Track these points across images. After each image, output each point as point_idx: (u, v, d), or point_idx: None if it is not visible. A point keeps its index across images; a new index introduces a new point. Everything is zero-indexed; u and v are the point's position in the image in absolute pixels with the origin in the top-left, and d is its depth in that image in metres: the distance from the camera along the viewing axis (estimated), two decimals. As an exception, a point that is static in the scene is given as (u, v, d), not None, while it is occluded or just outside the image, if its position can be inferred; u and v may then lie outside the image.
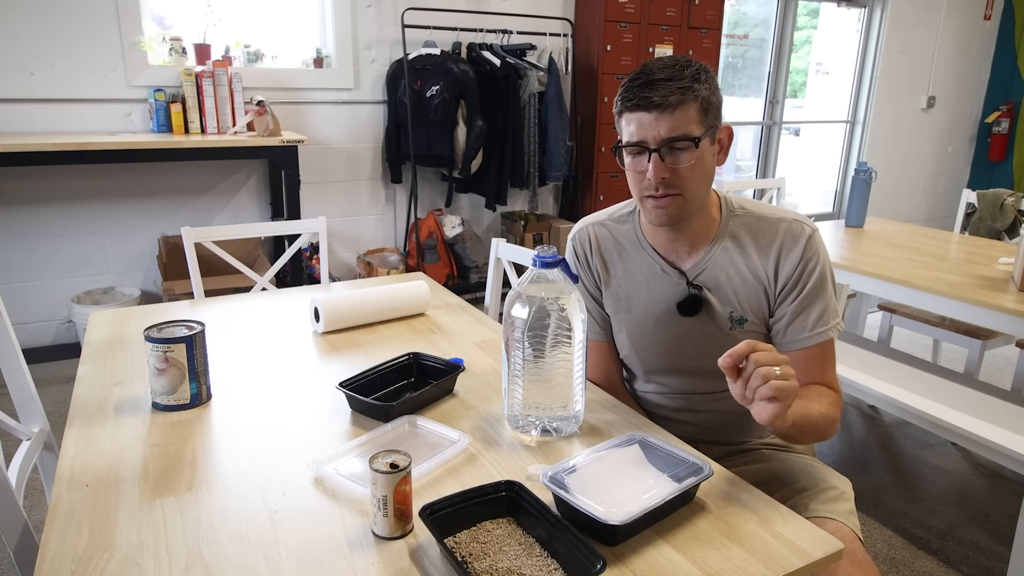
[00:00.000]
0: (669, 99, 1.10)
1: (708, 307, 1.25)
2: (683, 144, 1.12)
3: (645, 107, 1.12)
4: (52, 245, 3.19)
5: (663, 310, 1.28)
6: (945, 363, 3.33)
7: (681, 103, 1.11)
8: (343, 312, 1.56)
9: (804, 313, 1.21)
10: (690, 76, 1.12)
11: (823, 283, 1.21)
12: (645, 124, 1.13)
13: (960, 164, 6.00)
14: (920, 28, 5.35)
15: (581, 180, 4.15)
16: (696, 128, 1.13)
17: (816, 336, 1.21)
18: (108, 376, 1.31)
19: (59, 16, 2.97)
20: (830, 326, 1.21)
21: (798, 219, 1.23)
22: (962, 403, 2.10)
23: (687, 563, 0.83)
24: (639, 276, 1.31)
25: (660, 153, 1.13)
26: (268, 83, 3.41)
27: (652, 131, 1.12)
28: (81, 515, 0.90)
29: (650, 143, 1.13)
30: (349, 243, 3.84)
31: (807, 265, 1.20)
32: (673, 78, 1.11)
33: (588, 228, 1.37)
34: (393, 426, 1.12)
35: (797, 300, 1.21)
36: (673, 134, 1.12)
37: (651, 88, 1.11)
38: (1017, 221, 2.98)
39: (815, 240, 1.21)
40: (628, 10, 3.88)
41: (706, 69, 1.15)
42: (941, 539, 2.17)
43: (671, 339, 1.29)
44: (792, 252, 1.21)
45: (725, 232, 1.25)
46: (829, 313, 1.21)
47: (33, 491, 2.20)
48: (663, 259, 1.28)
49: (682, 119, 1.11)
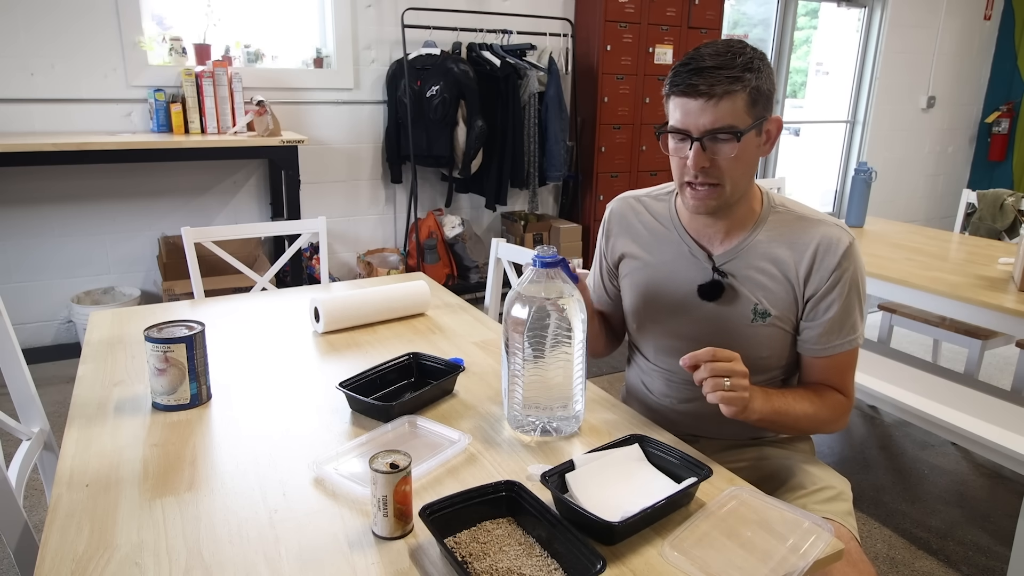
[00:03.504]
0: (716, 88, 1.08)
1: (731, 296, 1.24)
2: (726, 136, 1.10)
3: (691, 94, 1.09)
4: (52, 245, 3.19)
5: (684, 292, 1.28)
6: (945, 363, 3.32)
7: (728, 93, 1.08)
8: (343, 312, 1.56)
9: (833, 323, 1.19)
10: (741, 65, 1.08)
11: (856, 295, 1.20)
12: (690, 112, 1.10)
13: (960, 164, 6.00)
14: (920, 28, 5.35)
15: (581, 180, 4.15)
16: (742, 120, 1.10)
17: (842, 346, 1.21)
18: (108, 376, 1.31)
19: (59, 16, 2.97)
20: (857, 335, 1.21)
21: (839, 225, 1.21)
22: (962, 403, 2.10)
23: (687, 563, 0.83)
24: (666, 255, 1.30)
25: (702, 142, 1.11)
26: (268, 83, 3.41)
27: (696, 120, 1.10)
28: (81, 515, 0.90)
29: (692, 132, 1.11)
30: (349, 243, 3.84)
31: (842, 275, 1.18)
32: (723, 66, 1.08)
33: (627, 200, 1.39)
34: (393, 426, 1.12)
35: (829, 311, 1.19)
36: (716, 125, 1.09)
37: (699, 75, 1.08)
38: (1017, 221, 2.98)
39: (852, 250, 1.18)
40: (628, 10, 3.88)
41: (761, 56, 1.12)
42: (941, 539, 2.17)
43: (688, 322, 1.29)
44: (827, 259, 1.18)
45: (762, 225, 1.23)
46: (859, 323, 1.21)
47: (33, 491, 2.20)
48: (694, 241, 1.27)
49: (727, 110, 1.09)
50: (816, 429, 1.25)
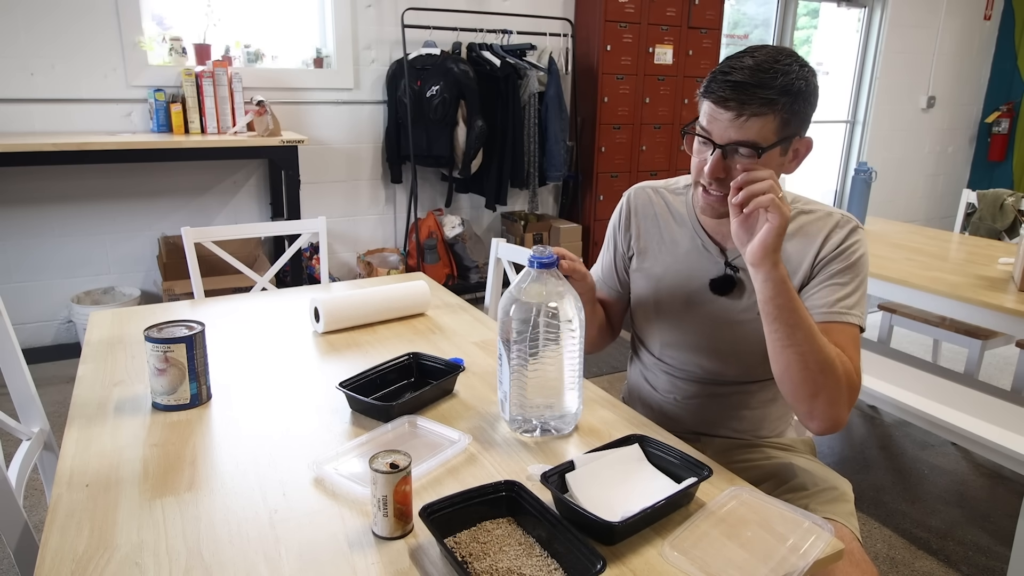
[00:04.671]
0: (746, 108, 1.06)
1: (741, 290, 1.25)
2: (747, 150, 1.09)
3: (721, 105, 1.08)
4: (52, 245, 3.19)
5: (696, 286, 1.28)
6: (945, 363, 3.32)
7: (759, 114, 1.07)
8: (343, 312, 1.56)
9: (830, 289, 1.17)
10: (779, 87, 1.06)
11: (857, 269, 1.18)
12: (718, 120, 1.09)
13: (960, 164, 6.00)
14: (920, 28, 5.35)
15: (581, 180, 4.15)
16: (767, 138, 1.09)
17: (835, 314, 1.15)
18: (108, 376, 1.31)
19: (59, 16, 2.97)
20: (853, 311, 1.16)
21: (848, 216, 1.21)
22: (962, 403, 2.10)
23: (687, 563, 0.83)
24: (679, 248, 1.31)
25: (724, 151, 1.10)
26: (268, 83, 3.41)
27: (721, 129, 1.09)
28: (81, 515, 0.90)
29: (716, 139, 1.10)
30: (349, 243, 3.84)
31: (847, 247, 1.18)
32: (761, 85, 1.05)
33: (647, 191, 1.38)
34: (393, 426, 1.12)
35: (828, 276, 1.18)
36: (740, 139, 1.08)
37: (734, 89, 1.06)
38: (1017, 221, 2.98)
39: (859, 233, 1.20)
40: (628, 10, 3.88)
41: (805, 76, 1.09)
42: (941, 539, 2.17)
43: (697, 316, 1.29)
44: (836, 235, 1.19)
45: None
46: (856, 301, 1.17)
47: (33, 491, 2.20)
48: (708, 236, 1.28)
49: (755, 128, 1.07)
50: (824, 373, 1.08)
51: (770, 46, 1.11)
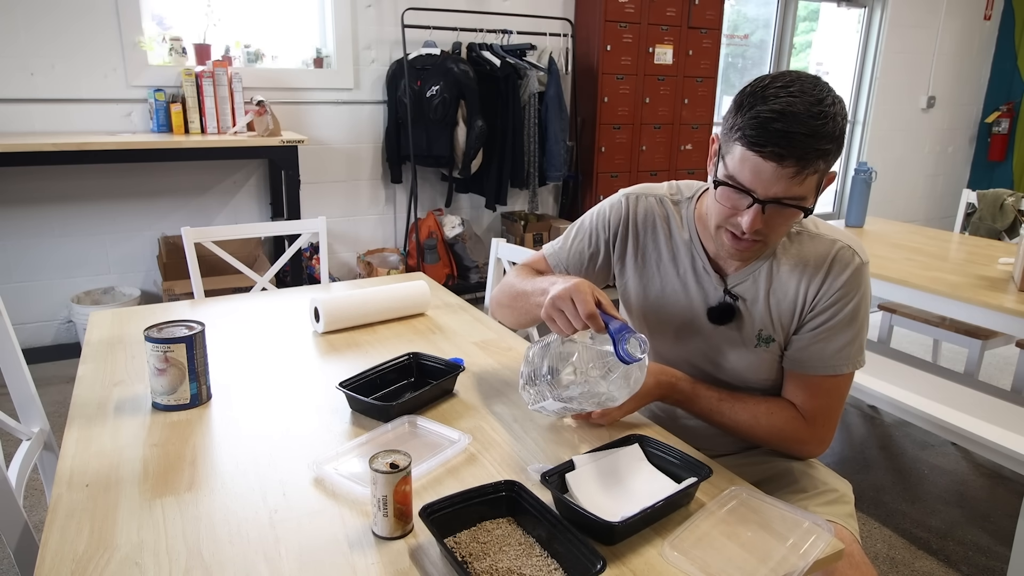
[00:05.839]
0: (801, 161, 0.97)
1: (738, 319, 1.20)
2: (792, 206, 1.02)
3: (772, 159, 0.98)
4: (52, 245, 3.19)
5: (693, 310, 1.24)
6: (945, 363, 3.32)
7: (809, 167, 0.98)
8: (343, 312, 1.56)
9: (824, 343, 1.14)
10: (828, 135, 0.97)
11: (855, 318, 1.14)
12: (763, 174, 0.99)
13: (960, 164, 6.00)
14: (920, 28, 5.35)
15: (581, 180, 4.15)
16: (812, 195, 1.03)
17: (832, 367, 1.15)
18: (108, 376, 1.31)
19: (59, 16, 2.97)
20: (852, 359, 1.15)
21: (852, 247, 1.15)
22: (962, 403, 2.10)
23: (687, 563, 0.83)
24: (677, 267, 1.25)
25: (764, 207, 1.02)
26: (268, 83, 3.41)
27: (767, 186, 1.00)
28: (81, 515, 0.90)
29: (760, 195, 1.02)
30: (349, 243, 3.84)
31: (844, 295, 1.13)
32: (815, 134, 0.96)
33: (648, 199, 1.29)
34: (393, 426, 1.12)
35: (822, 327, 1.14)
36: (789, 196, 1.01)
37: (788, 141, 0.96)
38: (1017, 221, 2.98)
39: (861, 273, 1.13)
40: (628, 10, 3.88)
41: (844, 113, 1.01)
42: (941, 539, 2.17)
43: (690, 338, 1.26)
44: (837, 280, 1.13)
45: (779, 248, 1.18)
46: (852, 349, 1.15)
47: (33, 491, 2.20)
48: (708, 258, 1.22)
49: (803, 183, 1.00)
50: (762, 439, 1.21)
51: (800, 78, 1.00)
